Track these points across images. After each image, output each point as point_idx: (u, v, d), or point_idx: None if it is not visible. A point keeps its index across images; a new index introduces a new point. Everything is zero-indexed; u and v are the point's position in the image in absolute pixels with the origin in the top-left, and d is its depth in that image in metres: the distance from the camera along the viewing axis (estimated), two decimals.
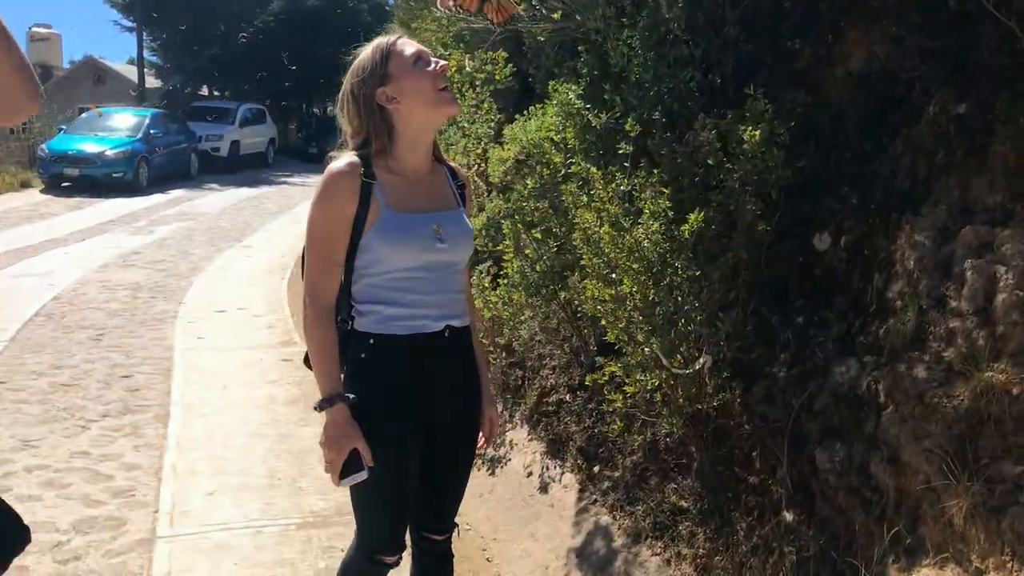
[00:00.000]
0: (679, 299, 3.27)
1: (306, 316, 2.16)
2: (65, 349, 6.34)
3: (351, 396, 2.11)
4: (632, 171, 3.55)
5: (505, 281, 4.66)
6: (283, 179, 22.63)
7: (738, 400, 3.32)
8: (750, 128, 3.17)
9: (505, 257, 4.61)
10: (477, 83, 5.44)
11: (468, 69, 5.22)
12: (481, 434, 2.40)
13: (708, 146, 3.26)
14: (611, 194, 3.38)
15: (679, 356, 3.25)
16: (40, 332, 6.87)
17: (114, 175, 17.94)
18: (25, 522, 1.78)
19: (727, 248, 3.30)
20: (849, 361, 2.91)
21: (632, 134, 3.49)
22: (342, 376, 2.15)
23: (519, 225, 4.46)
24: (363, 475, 2.08)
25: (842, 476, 2.81)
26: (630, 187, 3.47)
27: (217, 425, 4.94)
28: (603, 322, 3.53)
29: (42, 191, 17.67)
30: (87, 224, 13.10)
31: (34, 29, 36.30)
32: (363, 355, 2.17)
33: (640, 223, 3.28)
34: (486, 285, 4.80)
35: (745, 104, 3.31)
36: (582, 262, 3.51)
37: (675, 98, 3.89)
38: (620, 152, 3.59)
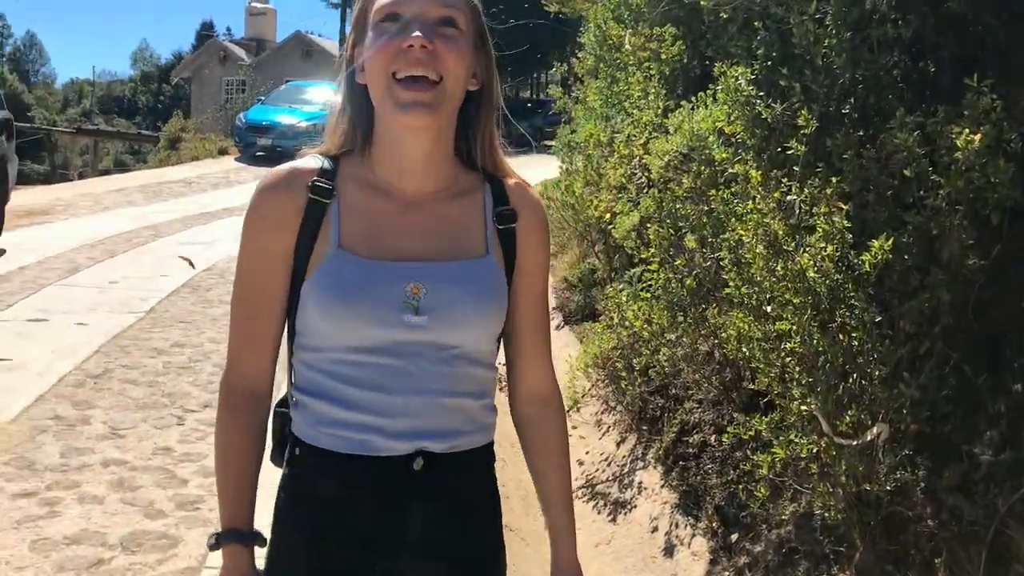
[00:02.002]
0: (852, 347, 2.53)
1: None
2: (196, 326, 6.17)
3: (258, 535, 1.39)
4: (803, 177, 2.81)
5: (648, 294, 4.00)
6: None
7: (921, 485, 2.54)
8: (968, 131, 2.37)
9: (651, 267, 3.95)
10: (642, 62, 4.76)
11: (628, 46, 4.56)
12: None
13: (908, 151, 2.47)
14: (773, 205, 2.66)
15: (846, 421, 2.52)
16: (179, 305, 6.76)
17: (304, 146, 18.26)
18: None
19: (923, 286, 2.51)
20: None
21: (807, 131, 2.75)
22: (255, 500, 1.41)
23: (670, 230, 3.80)
24: None
25: None
26: (799, 197, 2.74)
27: None
28: (752, 363, 2.83)
29: (236, 159, 18.31)
30: None
31: (252, 4, 38.16)
32: (287, 470, 1.40)
33: (808, 245, 2.56)
34: (623, 299, 4.15)
35: (963, 99, 2.50)
36: (727, 290, 2.81)
37: (872, 88, 3.10)
38: (790, 153, 2.85)
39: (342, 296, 1.29)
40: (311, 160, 1.38)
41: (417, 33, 1.27)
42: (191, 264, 7.97)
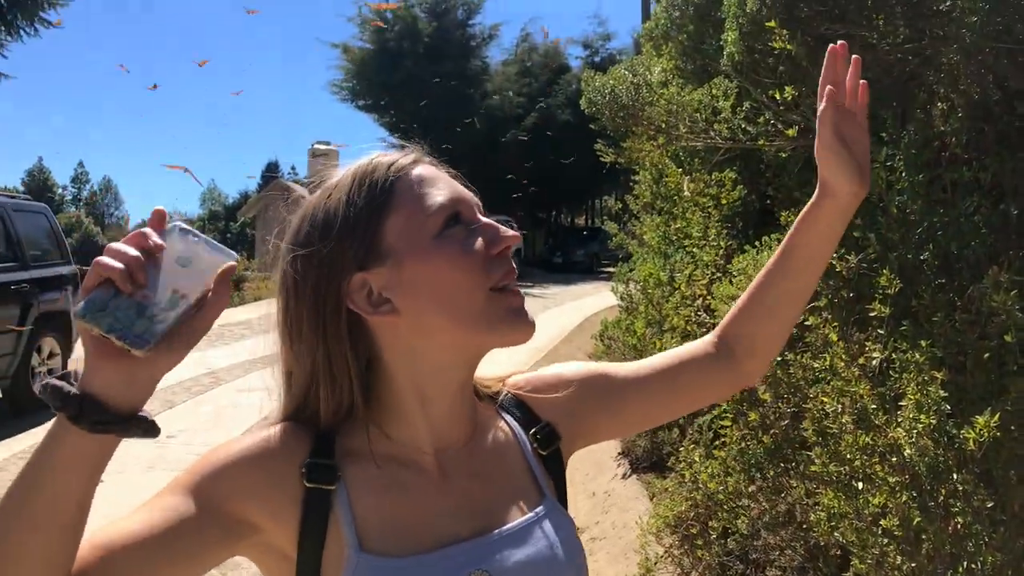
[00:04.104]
0: (960, 531, 2.26)
1: None
2: None
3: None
4: (889, 339, 2.59)
5: (723, 452, 3.75)
6: (524, 290, 22.54)
7: None
8: None
9: (723, 423, 3.71)
10: (703, 208, 4.64)
11: (687, 192, 4.44)
12: None
13: (1007, 314, 2.26)
14: (857, 372, 2.45)
15: None
16: None
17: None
18: None
19: None
20: None
21: (891, 291, 2.55)
22: None
23: None
24: None
25: None
26: (885, 361, 2.52)
27: None
28: (841, 538, 2.56)
29: None
30: None
31: (315, 146, 39.55)
32: None
33: (901, 417, 2.33)
34: (696, 458, 3.90)
35: None
36: (812, 467, 2.57)
37: (952, 235, 2.91)
38: (873, 314, 2.64)
39: None
40: (279, 431, 1.03)
41: (512, 232, 1.05)
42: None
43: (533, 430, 1.15)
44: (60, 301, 8.53)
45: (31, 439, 7.04)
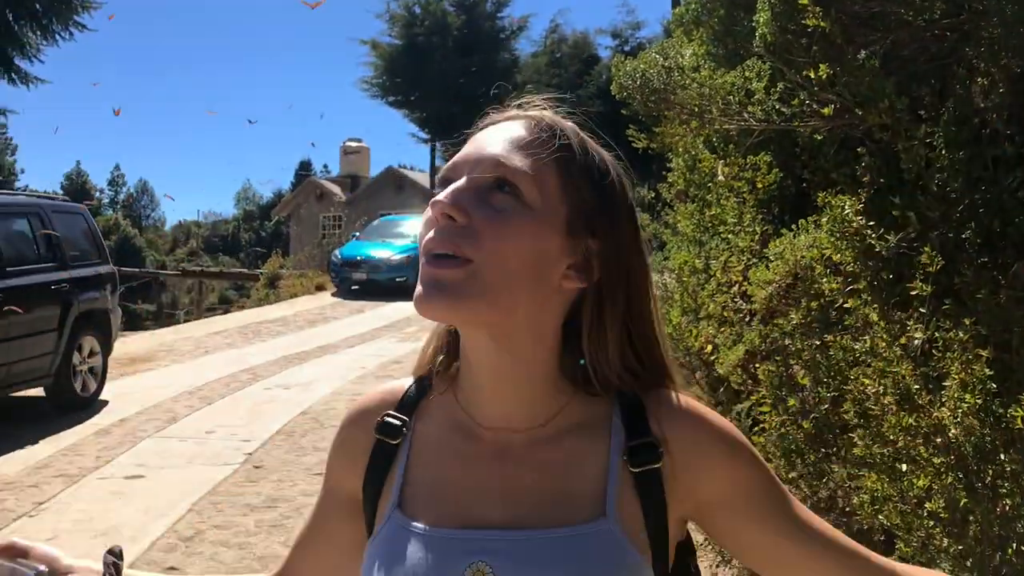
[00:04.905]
0: (1008, 512, 2.21)
1: None
2: (289, 478, 6.03)
3: None
4: (932, 318, 2.54)
5: (762, 438, 3.70)
6: None
7: None
8: None
9: (761, 409, 3.66)
10: (737, 192, 4.58)
11: (722, 177, 4.39)
12: None
13: None
14: (899, 352, 2.40)
15: None
16: (273, 455, 6.66)
17: (397, 279, 18.50)
18: None
19: None
20: None
21: (932, 269, 2.49)
22: None
23: (780, 367, 3.53)
24: None
25: None
26: (927, 340, 2.47)
27: None
28: (886, 522, 2.51)
29: (333, 294, 18.66)
30: (362, 330, 13.36)
31: (346, 143, 39.76)
32: None
33: (945, 397, 2.28)
34: None
35: None
36: (855, 450, 2.53)
37: (994, 212, 2.85)
38: (914, 293, 2.59)
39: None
40: (400, 384, 1.09)
41: (441, 197, 0.94)
42: None
43: (633, 442, 0.98)
44: (99, 301, 8.65)
45: (74, 436, 7.15)
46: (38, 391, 8.16)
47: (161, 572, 4.28)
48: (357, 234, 21.95)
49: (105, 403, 8.37)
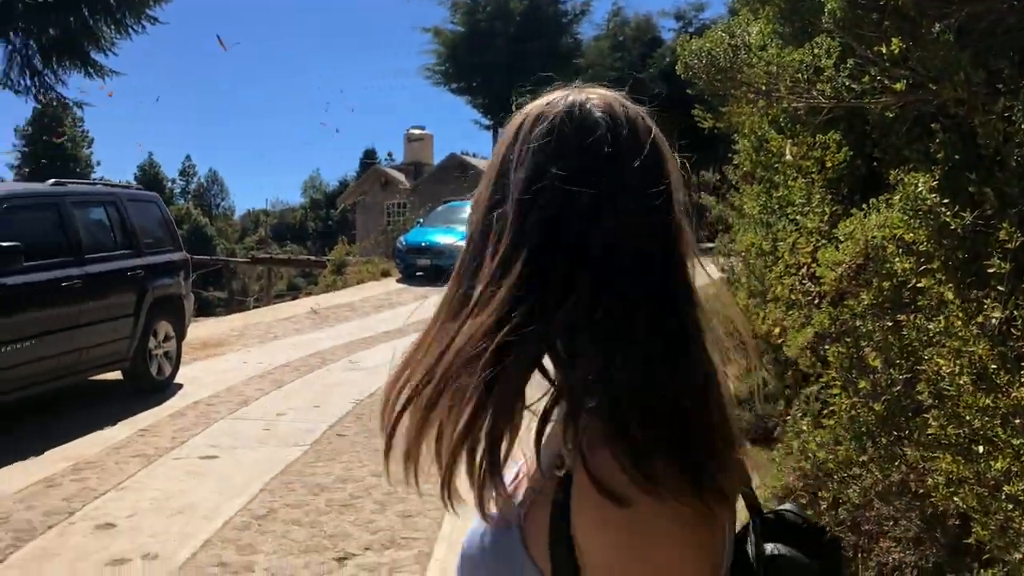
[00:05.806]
0: None
1: None
2: (358, 459, 6.14)
3: None
4: (1010, 296, 2.47)
5: (831, 421, 3.65)
6: None
7: None
8: None
9: (832, 390, 3.61)
10: (805, 173, 4.51)
11: (790, 156, 4.32)
12: None
13: None
14: (976, 331, 2.34)
15: None
16: (343, 436, 6.79)
17: None
18: None
19: None
20: None
21: (1011, 245, 2.43)
22: None
23: (851, 349, 3.48)
24: None
25: None
26: (1006, 320, 2.41)
27: None
28: (962, 504, 2.46)
29: (398, 280, 18.84)
30: (427, 315, 13.39)
31: (410, 131, 40.00)
32: None
33: (1023, 377, 2.22)
34: (804, 428, 3.81)
35: None
36: (930, 430, 2.48)
37: None
38: (992, 271, 2.52)
39: None
40: None
41: None
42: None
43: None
44: (173, 287, 8.87)
45: (152, 418, 7.36)
46: (115, 375, 8.40)
47: (236, 551, 4.41)
48: (421, 220, 22.09)
49: (179, 386, 8.60)
